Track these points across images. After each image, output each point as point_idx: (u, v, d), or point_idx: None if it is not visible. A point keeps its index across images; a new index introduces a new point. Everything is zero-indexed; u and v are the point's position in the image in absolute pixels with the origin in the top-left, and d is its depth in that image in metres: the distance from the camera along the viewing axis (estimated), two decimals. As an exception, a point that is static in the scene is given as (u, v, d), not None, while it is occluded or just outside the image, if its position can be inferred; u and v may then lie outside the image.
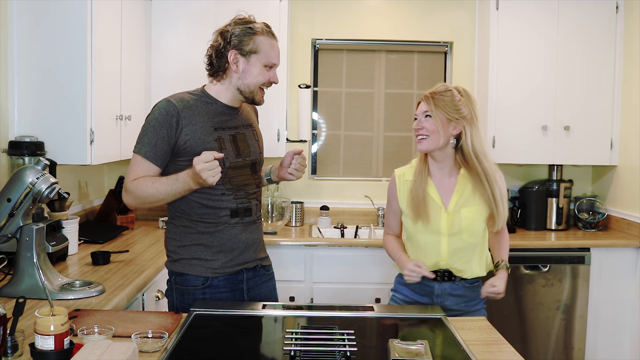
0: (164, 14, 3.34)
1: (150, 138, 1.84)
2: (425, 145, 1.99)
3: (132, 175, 1.85)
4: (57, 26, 2.39)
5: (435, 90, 2.00)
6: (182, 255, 1.93)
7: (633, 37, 3.39)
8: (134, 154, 1.87)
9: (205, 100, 1.92)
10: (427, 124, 1.98)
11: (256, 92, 1.92)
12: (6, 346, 1.36)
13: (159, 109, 1.86)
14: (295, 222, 3.61)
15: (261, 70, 1.89)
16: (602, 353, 3.31)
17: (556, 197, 3.64)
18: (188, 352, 1.47)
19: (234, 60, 1.87)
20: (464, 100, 1.98)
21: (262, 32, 1.90)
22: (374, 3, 3.78)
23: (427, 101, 1.98)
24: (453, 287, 2.03)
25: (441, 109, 1.96)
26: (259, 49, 1.88)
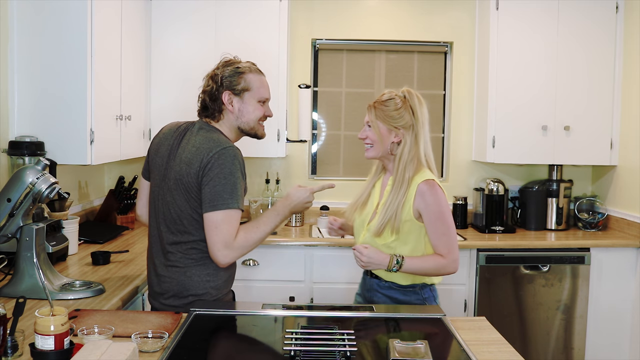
0: (164, 14, 3.34)
1: (240, 189, 1.82)
2: (370, 153, 2.09)
3: (235, 232, 1.79)
4: (57, 26, 2.39)
5: (378, 99, 2.06)
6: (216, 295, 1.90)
7: (633, 37, 3.39)
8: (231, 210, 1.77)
9: None
10: (369, 133, 2.06)
11: (256, 127, 1.99)
12: (6, 346, 1.36)
13: (237, 158, 1.83)
14: (295, 222, 3.61)
15: (255, 106, 1.96)
16: (602, 353, 3.31)
17: (556, 197, 3.64)
18: (188, 352, 1.47)
19: (229, 100, 1.92)
20: (404, 109, 2.01)
21: (250, 69, 1.97)
22: (374, 3, 3.78)
23: (369, 111, 2.06)
24: (380, 285, 2.07)
25: (381, 120, 2.02)
26: (250, 86, 1.94)
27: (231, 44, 3.31)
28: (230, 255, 1.80)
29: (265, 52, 3.35)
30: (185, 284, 1.86)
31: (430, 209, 1.96)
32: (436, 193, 1.96)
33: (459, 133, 3.83)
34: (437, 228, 1.96)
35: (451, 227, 1.98)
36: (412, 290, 2.05)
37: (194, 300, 1.86)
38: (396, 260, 1.94)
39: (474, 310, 3.24)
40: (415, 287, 2.04)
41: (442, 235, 1.96)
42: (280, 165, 3.78)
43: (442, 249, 1.96)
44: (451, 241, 1.97)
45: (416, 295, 2.05)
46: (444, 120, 3.90)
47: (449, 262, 1.96)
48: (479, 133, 3.69)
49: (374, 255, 1.96)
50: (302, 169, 3.83)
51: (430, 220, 1.96)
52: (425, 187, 1.96)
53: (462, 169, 3.85)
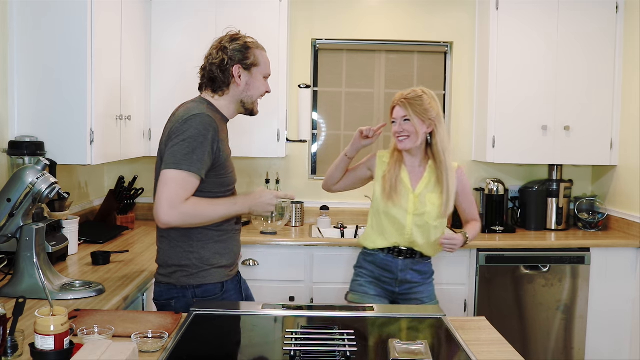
0: (164, 14, 3.34)
1: (200, 154, 1.80)
2: (407, 144, 2.31)
3: (184, 194, 1.78)
4: (57, 26, 2.39)
5: (408, 96, 2.30)
6: (202, 267, 1.90)
7: (633, 37, 3.39)
8: (179, 171, 1.77)
9: (219, 115, 1.97)
10: (407, 127, 2.29)
11: (256, 103, 2.04)
12: (6, 346, 1.36)
13: (203, 124, 1.82)
14: (295, 222, 3.61)
15: (261, 81, 2.02)
16: (602, 353, 3.31)
17: (556, 197, 3.64)
18: (188, 352, 1.47)
19: (238, 74, 1.95)
20: (432, 102, 2.30)
21: (257, 45, 2.01)
22: (374, 3, 3.78)
23: (405, 107, 2.28)
24: (414, 262, 2.39)
25: (417, 114, 2.27)
26: (258, 61, 1.99)
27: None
28: (171, 215, 1.76)
29: (265, 52, 3.35)
30: (170, 254, 1.92)
31: (467, 187, 2.44)
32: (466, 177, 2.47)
33: (459, 133, 3.83)
34: (472, 202, 2.47)
35: None
36: (429, 261, 2.45)
37: (176, 270, 1.89)
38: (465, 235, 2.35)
39: (474, 310, 3.24)
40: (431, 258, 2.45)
41: (474, 207, 2.49)
42: (280, 165, 3.78)
43: (477, 215, 2.48)
44: None
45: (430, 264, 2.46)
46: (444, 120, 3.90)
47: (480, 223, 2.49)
48: (479, 133, 3.69)
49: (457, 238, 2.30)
50: (302, 169, 3.83)
51: (467, 196, 2.44)
52: (461, 171, 2.42)
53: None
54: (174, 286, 1.91)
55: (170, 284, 1.92)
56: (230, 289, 1.97)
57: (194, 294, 1.90)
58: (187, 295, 1.90)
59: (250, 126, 3.39)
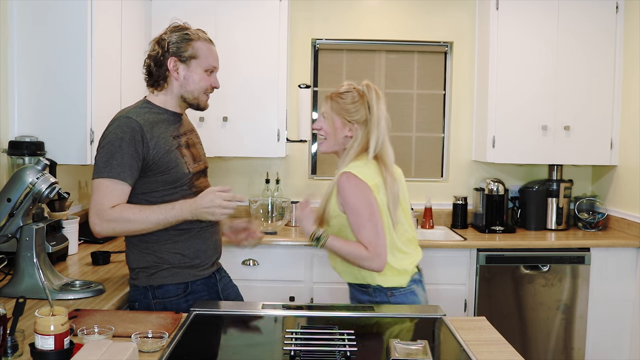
0: (164, 14, 3.33)
1: (119, 159, 1.75)
2: (322, 147, 2.06)
3: (108, 202, 1.74)
4: (57, 26, 2.39)
5: (336, 91, 2.01)
6: (161, 267, 1.87)
7: (633, 37, 3.39)
8: (101, 179, 1.75)
9: (156, 111, 1.90)
10: (323, 125, 2.02)
11: (200, 97, 1.93)
12: (6, 346, 1.36)
13: (120, 127, 1.78)
14: (295, 222, 3.61)
15: (202, 75, 1.90)
16: (602, 353, 3.31)
17: (556, 197, 3.64)
18: (188, 352, 1.47)
19: (174, 67, 1.87)
20: (362, 101, 1.96)
21: (199, 37, 1.91)
22: (374, 3, 3.78)
23: (325, 102, 2.02)
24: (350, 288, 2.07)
25: (336, 112, 1.98)
26: (197, 54, 1.88)
27: (231, 44, 3.32)
28: (99, 225, 1.74)
29: (265, 52, 3.35)
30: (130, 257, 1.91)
31: (347, 203, 1.90)
32: (351, 185, 1.88)
33: (459, 133, 3.83)
34: (354, 221, 1.89)
35: (372, 221, 1.87)
36: (364, 290, 1.99)
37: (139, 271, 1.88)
38: (319, 234, 1.89)
39: (474, 310, 3.24)
40: (367, 288, 1.98)
41: (361, 229, 1.87)
42: (280, 165, 3.78)
43: (364, 242, 1.87)
44: (371, 235, 1.86)
45: (369, 296, 1.99)
46: (444, 120, 3.90)
47: (372, 256, 1.86)
48: (479, 133, 3.69)
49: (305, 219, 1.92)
50: (302, 168, 3.83)
51: (349, 214, 1.90)
52: (342, 180, 1.91)
53: (462, 169, 3.85)
54: (137, 287, 1.90)
55: (135, 286, 1.91)
56: (198, 290, 1.91)
57: (154, 295, 1.87)
58: (148, 296, 1.88)
59: (250, 126, 3.39)
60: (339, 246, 1.90)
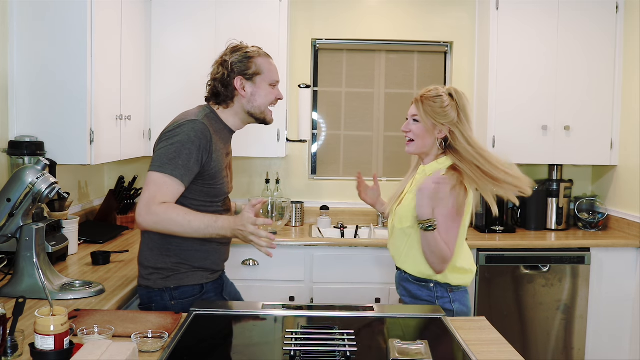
0: (164, 14, 3.34)
1: (185, 160, 1.77)
2: (411, 148, 2.08)
3: (160, 198, 1.75)
4: (57, 26, 2.39)
5: (426, 95, 2.04)
6: (178, 270, 1.90)
7: (633, 37, 3.39)
8: (161, 174, 1.77)
9: (219, 124, 1.96)
10: (414, 128, 2.05)
11: (267, 112, 2.00)
12: (6, 346, 1.36)
13: (195, 131, 1.80)
14: (295, 222, 3.61)
15: (268, 89, 1.97)
16: (602, 353, 3.31)
17: (556, 197, 3.64)
18: (188, 352, 1.47)
19: (241, 86, 1.93)
20: (453, 104, 2.01)
21: (260, 54, 1.98)
22: (374, 3, 3.78)
23: (417, 105, 2.04)
24: (401, 277, 2.12)
25: (429, 115, 2.01)
26: (261, 70, 1.95)
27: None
28: (144, 216, 1.76)
29: (265, 52, 3.35)
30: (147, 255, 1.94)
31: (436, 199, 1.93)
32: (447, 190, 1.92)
33: (459, 133, 3.82)
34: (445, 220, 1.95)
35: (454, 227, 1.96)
36: (424, 284, 2.04)
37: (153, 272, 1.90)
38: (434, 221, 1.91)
39: (474, 310, 3.24)
40: (428, 283, 2.03)
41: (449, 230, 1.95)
42: (280, 165, 3.78)
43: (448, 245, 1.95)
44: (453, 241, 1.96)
45: (428, 291, 2.03)
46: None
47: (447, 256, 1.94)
48: (479, 133, 3.69)
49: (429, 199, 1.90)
50: (302, 169, 3.83)
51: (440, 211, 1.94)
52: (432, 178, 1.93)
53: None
54: (152, 289, 1.91)
55: (149, 287, 1.92)
56: (210, 290, 1.96)
57: (172, 296, 1.89)
58: (165, 298, 1.90)
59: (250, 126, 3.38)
60: (437, 239, 1.93)
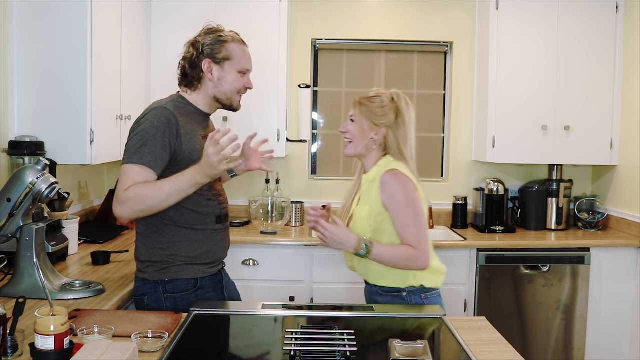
0: (164, 14, 3.34)
1: (151, 147, 1.76)
2: (349, 150, 2.04)
3: (127, 185, 1.74)
4: (57, 26, 2.39)
5: (365, 96, 2.04)
6: (173, 262, 1.89)
7: (633, 37, 3.39)
8: (129, 164, 1.76)
9: (189, 108, 1.94)
10: (350, 128, 2.03)
11: (233, 98, 1.96)
12: (6, 346, 1.36)
13: (158, 117, 1.79)
14: (295, 222, 3.61)
15: (236, 76, 1.93)
16: (602, 353, 3.31)
17: (556, 197, 3.64)
18: (188, 352, 1.47)
19: (209, 68, 1.91)
20: (392, 106, 1.98)
21: (233, 39, 1.94)
22: (374, 3, 3.78)
23: (354, 106, 2.03)
24: (371, 291, 2.03)
25: (364, 115, 1.99)
26: (231, 55, 1.91)
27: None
28: (118, 207, 1.74)
29: (265, 52, 3.35)
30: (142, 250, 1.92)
31: (393, 200, 1.89)
32: (399, 182, 1.89)
33: (459, 133, 3.83)
34: (402, 219, 1.89)
35: (418, 219, 1.89)
36: (397, 294, 1.96)
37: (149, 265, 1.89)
38: (365, 244, 1.84)
39: (474, 310, 3.24)
40: (401, 292, 1.96)
41: (409, 227, 1.88)
42: (280, 165, 3.78)
43: (411, 241, 1.87)
44: (419, 233, 1.88)
45: (401, 300, 1.96)
46: (444, 120, 3.90)
47: (419, 254, 1.86)
48: (479, 133, 3.69)
49: (341, 233, 1.85)
50: (302, 169, 3.83)
51: (394, 212, 1.89)
52: (387, 177, 1.90)
53: (462, 169, 3.85)
54: (147, 281, 1.90)
55: (145, 280, 1.91)
56: (206, 286, 1.94)
57: (165, 289, 1.88)
58: (158, 290, 1.89)
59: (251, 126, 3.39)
60: (386, 252, 1.87)
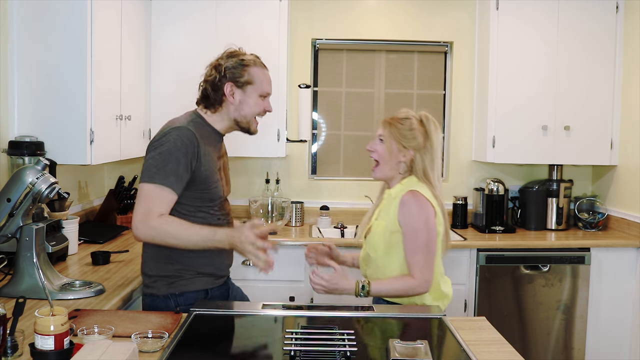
0: (164, 14, 3.34)
1: (174, 168, 1.76)
2: (377, 174, 2.05)
3: (155, 209, 1.74)
4: (57, 26, 2.39)
5: (394, 116, 2.03)
6: (182, 275, 1.88)
7: (633, 37, 3.39)
8: (151, 184, 1.75)
9: (207, 128, 1.94)
10: (378, 148, 2.03)
11: (252, 122, 1.98)
12: (6, 346, 1.36)
13: (181, 138, 1.78)
14: (295, 222, 3.61)
15: (257, 100, 1.95)
16: (602, 353, 3.31)
17: (556, 197, 3.64)
18: (188, 352, 1.47)
19: (231, 92, 1.91)
20: (421, 129, 1.99)
21: (255, 63, 1.95)
22: (374, 3, 3.78)
23: (384, 126, 2.03)
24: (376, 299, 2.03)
25: (393, 137, 1.99)
26: (253, 80, 1.93)
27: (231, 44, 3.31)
28: (142, 230, 1.74)
29: (265, 52, 3.32)
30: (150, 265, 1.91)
31: (408, 221, 1.91)
32: (418, 205, 1.89)
33: (459, 133, 3.83)
34: (412, 243, 1.90)
35: (427, 246, 1.90)
36: None
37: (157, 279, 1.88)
38: (362, 286, 1.90)
39: (474, 310, 3.24)
40: None
41: (416, 253, 1.90)
42: (280, 165, 3.78)
43: (413, 268, 1.89)
44: (425, 261, 1.89)
45: None
46: (444, 120, 3.90)
47: (419, 283, 1.89)
48: (479, 133, 3.69)
49: (339, 280, 1.91)
50: (302, 169, 3.83)
51: (406, 233, 1.91)
52: (407, 198, 1.91)
53: (462, 169, 3.85)
54: (156, 296, 1.90)
55: (153, 295, 1.90)
56: (215, 296, 1.95)
57: (177, 303, 1.87)
58: (169, 304, 1.87)
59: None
60: (386, 289, 1.92)
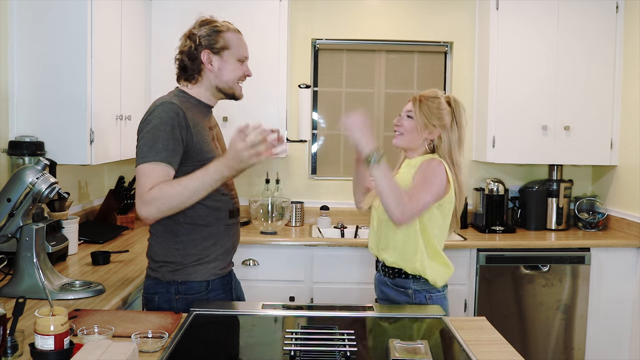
0: (164, 14, 3.34)
1: (164, 142, 1.74)
2: (398, 141, 2.10)
3: (150, 184, 1.71)
4: (57, 26, 2.39)
5: (424, 94, 2.09)
6: (187, 262, 1.87)
7: (633, 37, 3.39)
8: (145, 164, 1.73)
9: (192, 101, 1.93)
10: (406, 123, 2.08)
11: (235, 87, 1.96)
12: (6, 346, 1.36)
13: (166, 112, 1.78)
14: (295, 222, 3.61)
15: (235, 65, 1.93)
16: (602, 353, 3.31)
17: (556, 197, 3.64)
18: (188, 352, 1.47)
19: (208, 59, 1.90)
20: (449, 110, 2.07)
21: (228, 28, 1.95)
22: (374, 3, 3.78)
23: (414, 103, 2.08)
24: (380, 279, 2.11)
25: (424, 114, 2.04)
26: (229, 44, 1.92)
27: None
28: (143, 209, 1.71)
29: (265, 52, 3.35)
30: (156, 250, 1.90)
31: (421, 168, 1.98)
32: (435, 166, 1.97)
33: (459, 133, 3.83)
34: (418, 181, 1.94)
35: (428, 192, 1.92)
36: (402, 290, 2.05)
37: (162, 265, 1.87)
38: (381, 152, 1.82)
39: (474, 310, 3.24)
40: (407, 289, 2.04)
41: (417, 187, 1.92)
42: (280, 165, 3.78)
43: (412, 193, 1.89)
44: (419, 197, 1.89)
45: (407, 297, 2.04)
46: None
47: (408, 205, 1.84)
48: (479, 133, 3.69)
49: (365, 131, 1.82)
50: (302, 168, 3.83)
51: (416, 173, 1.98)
52: (427, 162, 1.99)
53: (462, 169, 3.84)
54: (159, 281, 1.89)
55: (157, 279, 1.90)
56: (216, 288, 1.93)
57: (177, 291, 1.87)
58: (170, 291, 1.87)
59: (250, 126, 3.39)
60: (388, 176, 1.84)
